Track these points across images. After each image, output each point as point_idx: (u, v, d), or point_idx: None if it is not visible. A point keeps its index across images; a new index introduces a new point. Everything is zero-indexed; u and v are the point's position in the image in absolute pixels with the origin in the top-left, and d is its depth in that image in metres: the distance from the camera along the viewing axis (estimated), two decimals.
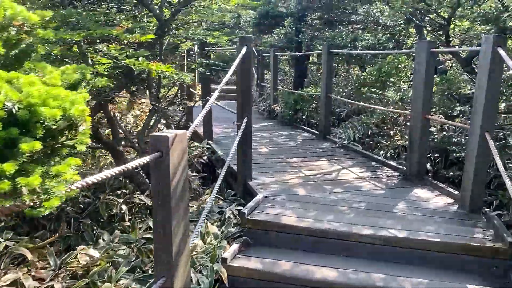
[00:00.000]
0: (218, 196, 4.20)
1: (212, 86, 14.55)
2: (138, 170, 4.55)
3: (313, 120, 7.58)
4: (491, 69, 3.15)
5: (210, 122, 6.31)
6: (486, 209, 3.41)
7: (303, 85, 8.74)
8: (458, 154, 4.29)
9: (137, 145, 4.50)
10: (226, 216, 3.57)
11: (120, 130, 5.36)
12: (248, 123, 3.99)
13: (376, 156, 5.19)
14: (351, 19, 7.65)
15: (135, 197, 4.27)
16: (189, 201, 4.42)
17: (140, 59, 1.97)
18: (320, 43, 7.08)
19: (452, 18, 4.96)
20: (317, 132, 6.76)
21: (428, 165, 4.74)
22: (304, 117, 7.70)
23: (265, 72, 12.06)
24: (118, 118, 7.91)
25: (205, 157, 5.48)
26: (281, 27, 9.04)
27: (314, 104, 7.89)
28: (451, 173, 4.28)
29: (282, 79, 12.41)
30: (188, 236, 2.26)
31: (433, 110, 5.03)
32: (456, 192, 3.80)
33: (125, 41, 2.50)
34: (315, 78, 10.19)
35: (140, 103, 7.75)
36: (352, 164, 5.04)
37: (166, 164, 2.04)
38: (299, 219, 3.24)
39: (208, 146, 5.68)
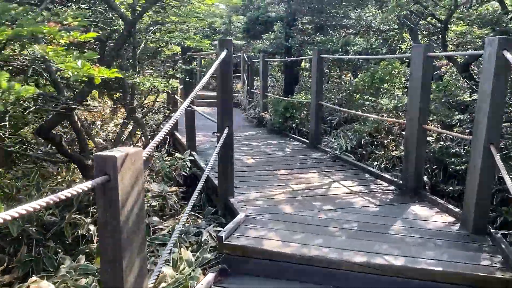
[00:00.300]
0: (197, 214, 3.83)
1: (199, 93, 14.15)
2: None
3: (303, 128, 7.25)
4: (496, 75, 2.83)
5: (193, 130, 5.94)
6: (492, 230, 3.07)
7: (294, 92, 8.42)
8: (458, 167, 3.95)
9: None
10: (203, 239, 3.19)
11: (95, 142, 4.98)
12: (229, 134, 3.63)
13: (369, 168, 4.86)
14: (343, 23, 7.36)
15: None
16: (165, 219, 4.05)
17: (79, 62, 1.62)
18: (311, 48, 6.77)
19: (449, 21, 4.66)
20: (308, 141, 6.43)
21: (425, 178, 4.41)
22: (294, 125, 7.37)
23: (256, 78, 11.75)
24: (99, 127, 7.52)
25: (187, 169, 5.12)
26: (270, 32, 8.73)
27: (305, 112, 7.56)
28: (451, 187, 3.94)
29: (274, 85, 12.09)
30: (145, 276, 1.88)
31: (430, 118, 4.72)
32: (457, 210, 3.46)
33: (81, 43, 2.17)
34: (307, 84, 9.87)
35: (124, 111, 7.37)
36: (343, 176, 4.69)
37: (114, 190, 1.68)
38: (283, 244, 2.88)
39: (191, 157, 5.31)
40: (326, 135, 6.80)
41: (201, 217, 3.82)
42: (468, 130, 4.26)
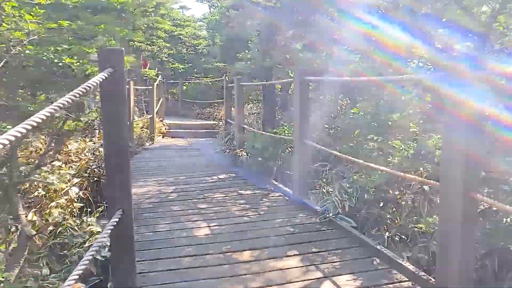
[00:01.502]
0: None
1: (169, 122, 12.54)
2: None
3: (288, 172, 5.59)
4: None
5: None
6: None
7: (275, 123, 6.80)
8: None
9: None
10: None
11: None
12: (125, 224, 1.96)
13: (378, 247, 3.15)
14: (335, 37, 5.84)
15: None
16: None
17: None
18: (292, 69, 5.22)
19: (496, 18, 3.03)
20: (291, 192, 4.76)
21: None
22: (275, 168, 5.72)
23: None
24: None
25: (105, 251, 3.42)
26: (247, 51, 7.20)
27: (290, 148, 5.94)
28: None
29: (260, 113, 10.56)
30: None
31: None
32: None
33: None
34: None
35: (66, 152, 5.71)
36: (339, 264, 2.99)
37: None
38: None
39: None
40: (318, 177, 5.16)
41: None
42: None
